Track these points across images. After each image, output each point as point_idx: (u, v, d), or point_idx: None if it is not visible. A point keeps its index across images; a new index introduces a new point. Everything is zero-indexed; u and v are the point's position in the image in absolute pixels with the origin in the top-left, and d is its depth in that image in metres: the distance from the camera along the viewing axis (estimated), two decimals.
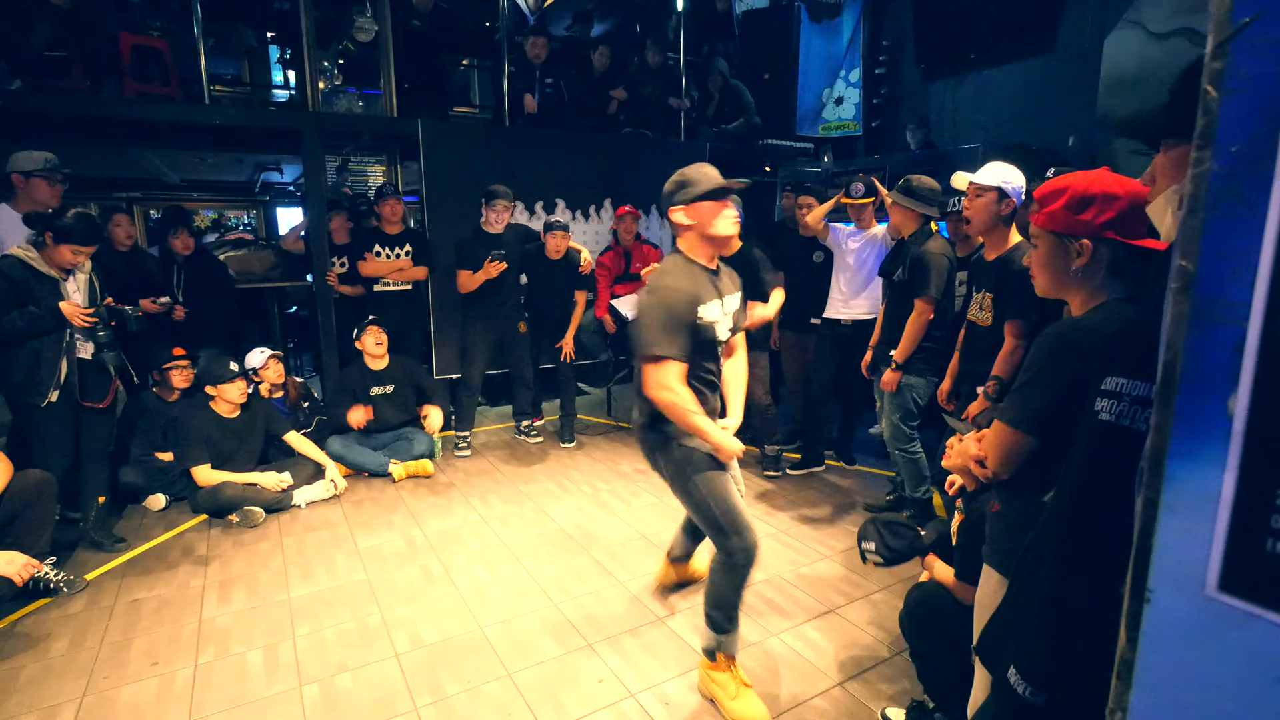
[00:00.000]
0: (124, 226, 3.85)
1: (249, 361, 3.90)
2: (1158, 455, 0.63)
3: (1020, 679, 1.02)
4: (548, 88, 5.37)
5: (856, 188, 3.74)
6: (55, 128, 4.34)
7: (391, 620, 2.58)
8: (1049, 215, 1.28)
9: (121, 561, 3.05)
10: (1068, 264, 1.27)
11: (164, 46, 4.29)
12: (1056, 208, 1.26)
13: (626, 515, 3.53)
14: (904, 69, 6.59)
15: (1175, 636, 0.63)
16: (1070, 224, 1.25)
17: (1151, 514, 0.64)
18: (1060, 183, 1.28)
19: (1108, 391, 0.98)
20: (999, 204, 2.55)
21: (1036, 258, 1.35)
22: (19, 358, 2.81)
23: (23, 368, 2.82)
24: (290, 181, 7.74)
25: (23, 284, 2.79)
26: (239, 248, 5.47)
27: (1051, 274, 1.32)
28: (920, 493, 3.30)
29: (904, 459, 3.29)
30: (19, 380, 2.82)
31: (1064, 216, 1.26)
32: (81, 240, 2.85)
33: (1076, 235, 1.24)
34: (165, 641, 2.47)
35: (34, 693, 2.19)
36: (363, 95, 5.20)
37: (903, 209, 3.15)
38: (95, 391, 3.05)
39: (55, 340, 2.86)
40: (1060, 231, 1.27)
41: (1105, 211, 1.21)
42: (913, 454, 3.27)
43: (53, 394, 2.85)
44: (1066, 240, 1.26)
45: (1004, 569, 1.42)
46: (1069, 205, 1.25)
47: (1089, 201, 1.22)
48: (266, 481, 3.52)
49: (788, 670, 2.29)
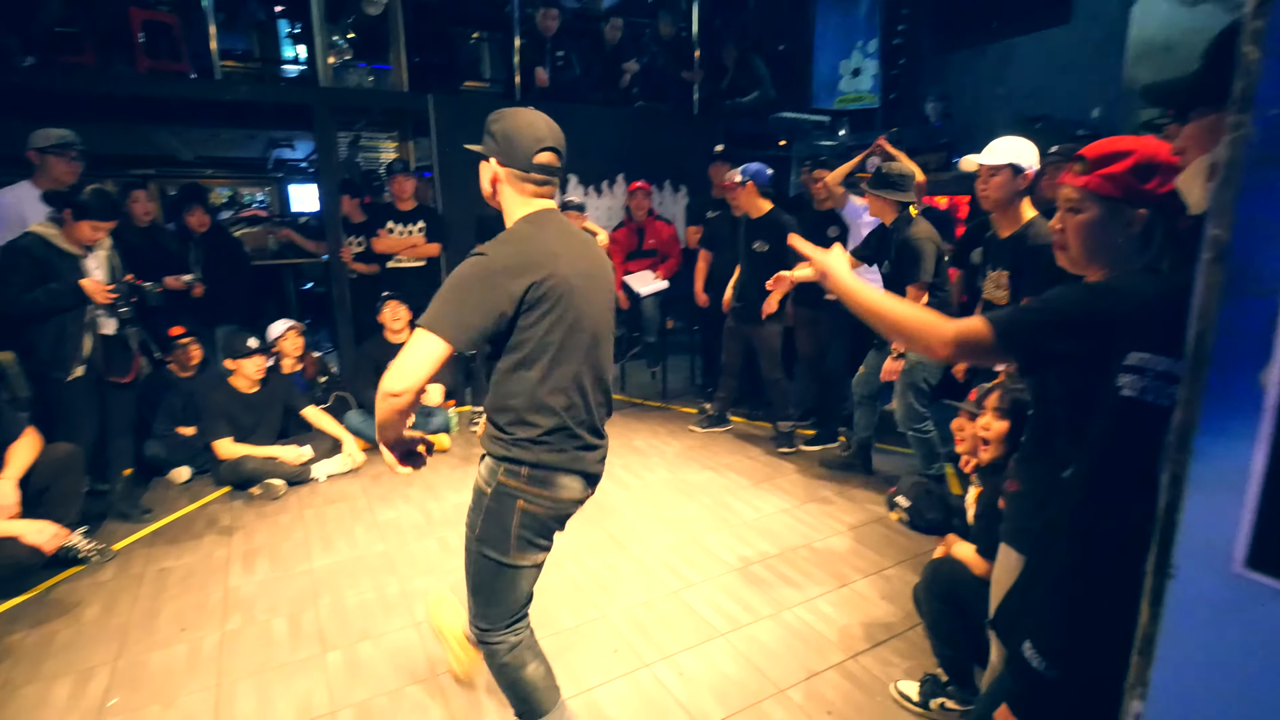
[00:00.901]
0: (142, 202, 3.87)
1: (271, 332, 3.96)
2: (1185, 430, 0.63)
3: (1035, 653, 1.03)
4: (559, 61, 5.29)
5: (873, 162, 3.69)
6: (69, 105, 4.35)
7: (410, 591, 2.64)
8: (1108, 178, 1.18)
9: (149, 532, 3.13)
10: (1116, 233, 1.19)
11: (174, 21, 4.27)
12: (1118, 170, 1.17)
13: (640, 489, 3.56)
14: (923, 39, 6.43)
15: (1199, 613, 0.63)
16: (1132, 190, 1.16)
17: (1177, 490, 0.63)
18: (1121, 144, 1.19)
19: (1131, 367, 0.96)
20: (1014, 180, 2.49)
21: (1076, 224, 1.23)
22: (44, 334, 2.85)
23: (48, 344, 2.86)
24: (303, 158, 7.73)
25: (44, 261, 2.82)
26: (253, 224, 5.50)
27: (1091, 243, 1.22)
28: (933, 469, 3.32)
29: (916, 438, 3.32)
30: (44, 356, 2.87)
31: (1127, 181, 1.16)
32: (100, 216, 2.88)
33: (1134, 203, 1.16)
34: (193, 608, 2.54)
35: (69, 656, 2.27)
36: (373, 70, 5.16)
37: (880, 199, 3.19)
38: (119, 367, 3.09)
39: (78, 316, 2.90)
40: (1119, 197, 1.18)
41: (1167, 182, 1.14)
42: (925, 433, 3.29)
43: (77, 369, 2.90)
44: (1120, 207, 1.18)
45: (1021, 547, 1.40)
46: (1135, 170, 1.16)
47: (1155, 169, 1.15)
48: (286, 455, 3.58)
49: (800, 643, 2.32)
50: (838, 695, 2.08)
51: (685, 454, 4.07)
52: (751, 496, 3.48)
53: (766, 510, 3.32)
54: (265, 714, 2.01)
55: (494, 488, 1.56)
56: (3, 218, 3.14)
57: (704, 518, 3.25)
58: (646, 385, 5.49)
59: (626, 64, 5.54)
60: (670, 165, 5.62)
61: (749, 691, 2.09)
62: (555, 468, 1.56)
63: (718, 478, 3.72)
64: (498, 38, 6.10)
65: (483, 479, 1.60)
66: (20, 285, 2.77)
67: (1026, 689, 1.06)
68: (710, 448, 4.17)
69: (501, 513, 1.56)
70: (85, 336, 2.92)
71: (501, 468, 1.55)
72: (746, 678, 2.15)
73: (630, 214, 4.98)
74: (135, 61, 4.12)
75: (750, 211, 3.91)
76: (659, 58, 5.78)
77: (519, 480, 1.55)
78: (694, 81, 5.93)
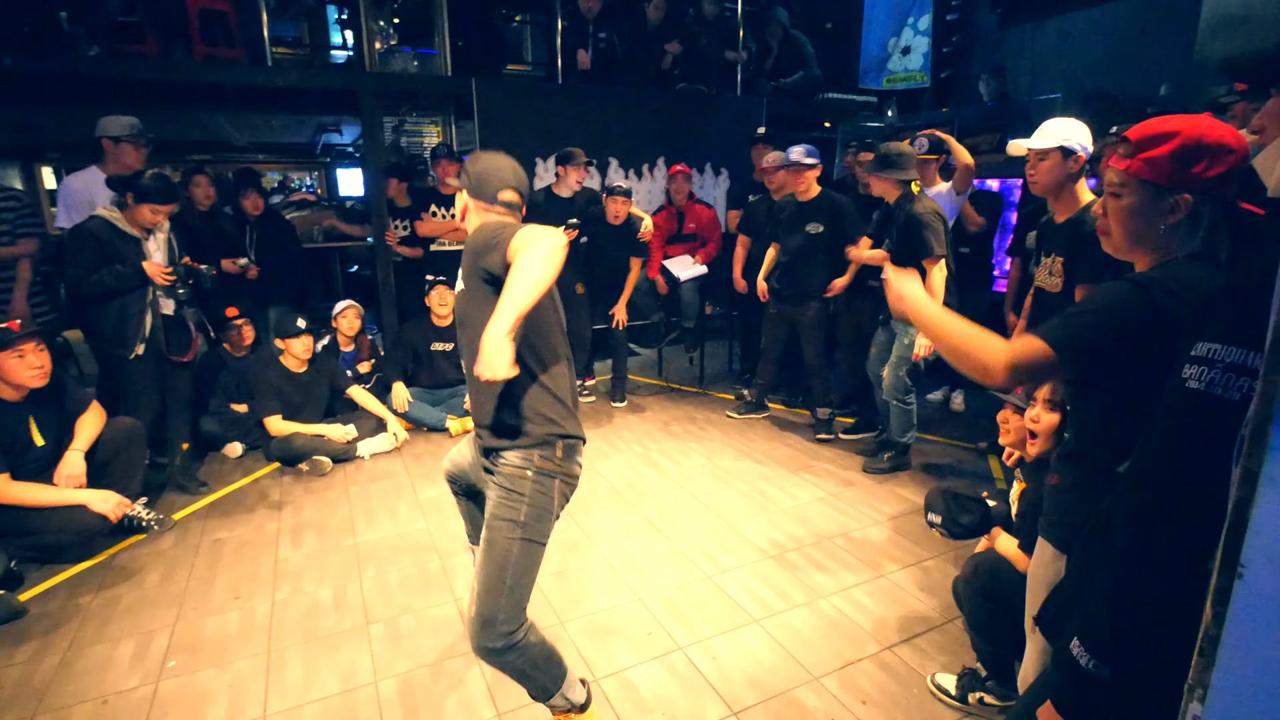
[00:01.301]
0: (203, 187, 4.02)
1: (334, 310, 4.20)
2: (1262, 424, 0.59)
3: (1084, 651, 0.99)
4: (601, 42, 5.26)
5: (920, 143, 3.58)
6: (128, 92, 4.52)
7: (450, 568, 2.70)
8: (1149, 162, 1.12)
9: (204, 504, 3.27)
10: (1158, 220, 1.13)
11: (229, 9, 4.39)
12: (1160, 154, 1.11)
13: (676, 475, 3.56)
14: (978, 14, 6.17)
15: (1268, 614, 0.60)
16: (1175, 175, 1.10)
17: (1250, 486, 0.60)
18: (1166, 125, 1.12)
19: (1198, 358, 0.91)
20: (1065, 163, 2.38)
21: (1118, 209, 1.18)
22: (107, 314, 2.99)
23: (111, 323, 3.00)
24: (349, 143, 7.90)
25: (109, 243, 2.95)
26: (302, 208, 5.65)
27: (1134, 229, 1.17)
28: (906, 438, 3.48)
29: (899, 409, 3.45)
30: (108, 334, 3.01)
31: (1169, 166, 1.10)
32: (160, 199, 2.99)
33: (1177, 189, 1.10)
34: (245, 578, 2.65)
35: (133, 619, 2.40)
36: (418, 55, 5.22)
37: (882, 180, 3.26)
38: (178, 346, 3.23)
39: (139, 297, 3.03)
40: (1160, 183, 1.12)
41: (1216, 165, 1.07)
42: (907, 404, 3.45)
43: (139, 347, 3.04)
44: (1163, 193, 1.12)
45: (1059, 542, 1.37)
46: (1177, 154, 1.09)
47: (1200, 152, 1.08)
48: (333, 433, 3.70)
49: (836, 632, 2.30)
50: (873, 686, 2.06)
51: (722, 440, 4.06)
52: (788, 484, 3.45)
53: (803, 498, 3.29)
54: (312, 681, 2.09)
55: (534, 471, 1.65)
56: (73, 201, 3.30)
57: (740, 504, 3.23)
58: (684, 370, 5.47)
59: (669, 45, 5.47)
60: (712, 148, 5.56)
61: (783, 678, 2.09)
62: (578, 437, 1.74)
63: (754, 464, 3.70)
64: (540, 20, 6.10)
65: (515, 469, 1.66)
66: (88, 266, 2.91)
67: (1074, 688, 1.02)
68: (747, 434, 4.14)
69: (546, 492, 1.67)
70: (146, 316, 3.05)
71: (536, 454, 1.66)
72: (780, 664, 2.15)
73: (670, 198, 4.95)
74: (192, 49, 4.26)
75: (802, 194, 3.85)
76: (701, 38, 5.69)
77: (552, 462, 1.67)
78: (738, 62, 5.83)
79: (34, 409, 2.67)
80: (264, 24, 4.43)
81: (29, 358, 2.57)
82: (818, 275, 3.84)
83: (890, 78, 6.54)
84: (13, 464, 2.56)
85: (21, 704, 1.99)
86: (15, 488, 2.52)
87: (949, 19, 6.35)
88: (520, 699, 1.98)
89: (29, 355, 2.57)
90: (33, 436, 2.66)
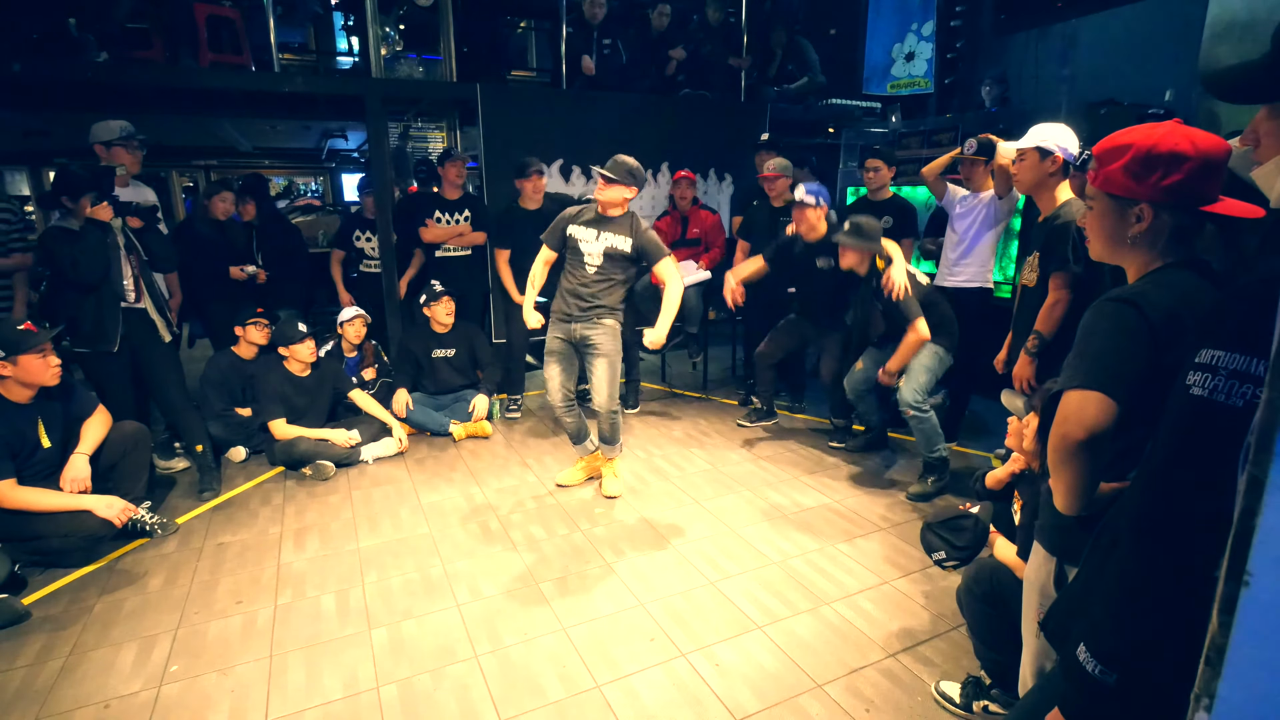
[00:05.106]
0: (228, 202, 4.10)
1: (341, 317, 4.21)
2: (1268, 431, 0.59)
3: (1090, 657, 0.99)
4: (605, 49, 5.28)
5: (970, 144, 3.57)
6: (135, 98, 4.56)
7: (453, 573, 2.70)
8: (1105, 176, 1.16)
9: (208, 508, 3.28)
10: (1124, 230, 1.16)
11: (236, 16, 4.42)
12: (1114, 169, 1.14)
13: (679, 480, 3.56)
14: (982, 20, 6.17)
15: (1275, 622, 0.59)
16: (1129, 188, 1.13)
17: (1256, 493, 0.59)
18: (1123, 138, 1.15)
19: (1202, 365, 0.90)
20: (1042, 163, 2.48)
21: (1091, 220, 1.24)
22: (85, 310, 3.02)
23: (89, 319, 3.03)
24: (355, 148, 7.93)
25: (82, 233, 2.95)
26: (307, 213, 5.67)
27: (1105, 240, 1.22)
28: (937, 452, 3.34)
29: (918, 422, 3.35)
30: (88, 331, 3.04)
31: (1122, 179, 1.13)
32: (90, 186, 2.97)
33: (1136, 200, 1.13)
34: (248, 582, 2.65)
35: (135, 623, 2.40)
36: (423, 61, 5.25)
37: (853, 250, 3.37)
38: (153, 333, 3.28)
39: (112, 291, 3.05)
40: (1119, 195, 1.15)
41: (1171, 174, 1.09)
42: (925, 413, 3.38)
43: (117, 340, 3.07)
44: (1124, 204, 1.15)
45: (1052, 547, 1.38)
46: (1129, 167, 1.12)
47: (1154, 163, 1.10)
48: (336, 438, 3.70)
49: (840, 640, 2.29)
50: (877, 693, 2.04)
51: (725, 445, 4.05)
52: (792, 490, 3.44)
53: (807, 504, 3.28)
54: (314, 686, 2.09)
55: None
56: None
57: (743, 510, 3.22)
58: (687, 375, 5.47)
59: (673, 51, 5.48)
60: (715, 154, 5.56)
61: (786, 685, 2.07)
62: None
63: (758, 470, 3.69)
64: (545, 27, 6.12)
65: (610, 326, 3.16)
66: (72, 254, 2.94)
67: (1080, 694, 1.02)
68: (751, 440, 4.13)
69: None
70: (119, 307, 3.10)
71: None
72: (783, 671, 2.14)
73: (674, 203, 4.95)
74: (199, 55, 4.28)
75: (809, 234, 3.74)
76: (706, 44, 5.70)
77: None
78: (742, 68, 5.83)
79: (42, 411, 2.69)
80: (271, 30, 4.46)
81: (50, 357, 2.63)
82: (838, 302, 3.87)
83: (894, 83, 6.55)
84: (20, 467, 2.58)
85: (24, 708, 1.99)
86: (21, 492, 2.53)
87: (953, 25, 6.35)
88: (523, 704, 1.97)
89: (50, 354, 2.63)
90: (40, 438, 2.68)
